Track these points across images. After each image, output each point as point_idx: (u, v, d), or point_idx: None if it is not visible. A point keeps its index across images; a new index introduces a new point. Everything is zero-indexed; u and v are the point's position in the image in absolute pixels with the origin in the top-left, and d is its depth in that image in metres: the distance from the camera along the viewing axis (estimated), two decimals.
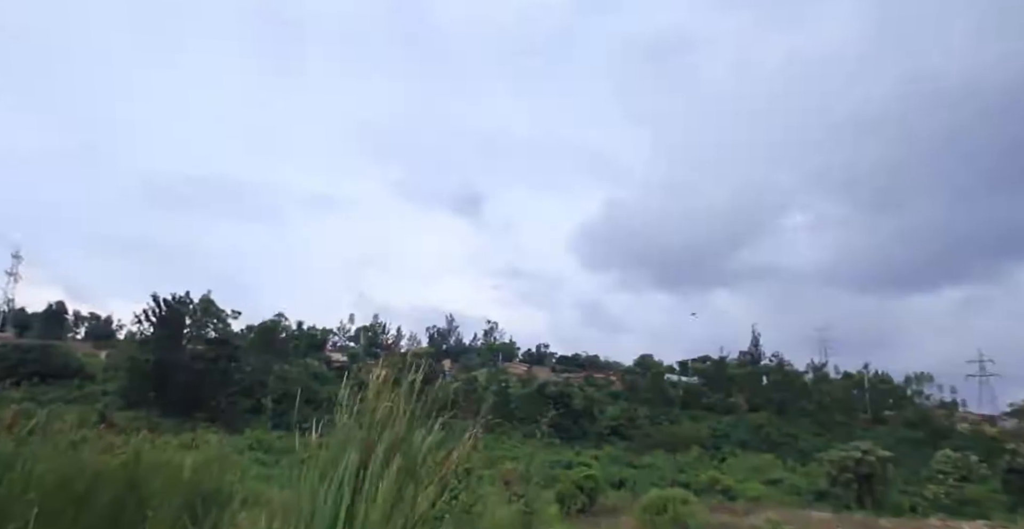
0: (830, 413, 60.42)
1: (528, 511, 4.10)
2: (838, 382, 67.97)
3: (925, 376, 67.52)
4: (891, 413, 63.78)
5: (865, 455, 29.76)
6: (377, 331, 76.73)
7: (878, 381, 67.76)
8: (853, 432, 49.34)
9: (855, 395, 66.33)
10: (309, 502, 2.80)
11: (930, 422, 57.76)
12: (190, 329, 50.77)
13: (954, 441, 47.21)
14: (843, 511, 24.76)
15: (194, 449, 6.65)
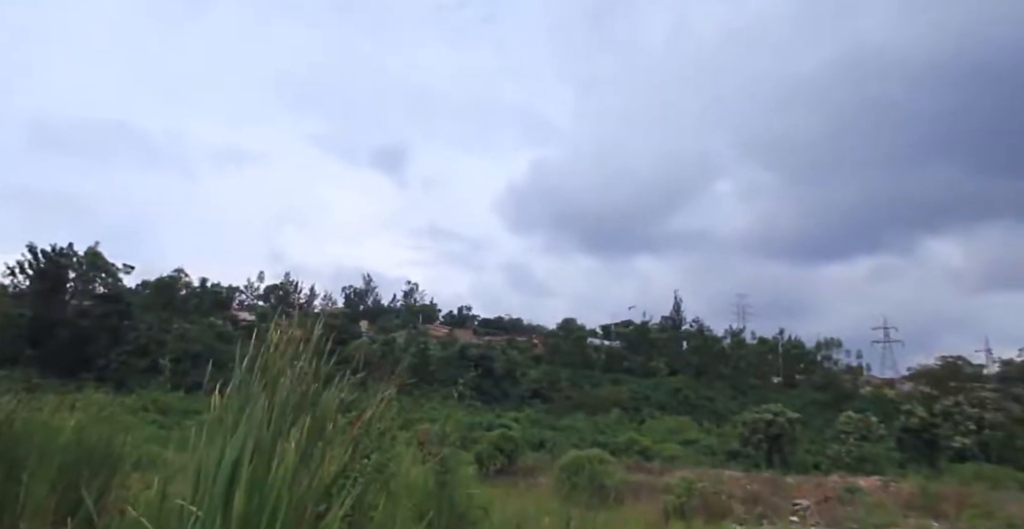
0: (745, 377, 64.40)
1: (443, 471, 4.15)
2: (753, 347, 72.16)
3: (834, 342, 72.64)
4: (801, 377, 68.57)
5: (776, 417, 32.09)
6: (289, 290, 74.72)
7: (791, 346, 72.38)
8: (766, 395, 52.80)
9: (769, 359, 70.77)
10: (209, 463, 2.71)
11: (836, 385, 62.57)
12: (74, 283, 47.75)
13: (857, 403, 51.42)
14: (753, 470, 26.69)
15: (77, 410, 6.31)
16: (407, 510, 3.23)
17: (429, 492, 3.91)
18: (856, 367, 75.03)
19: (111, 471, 5.39)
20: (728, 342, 72.54)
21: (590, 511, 6.62)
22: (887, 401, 53.54)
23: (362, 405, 3.13)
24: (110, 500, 5.08)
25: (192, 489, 2.74)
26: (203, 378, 3.47)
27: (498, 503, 6.17)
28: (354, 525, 2.49)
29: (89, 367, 41.00)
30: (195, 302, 57.44)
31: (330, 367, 3.39)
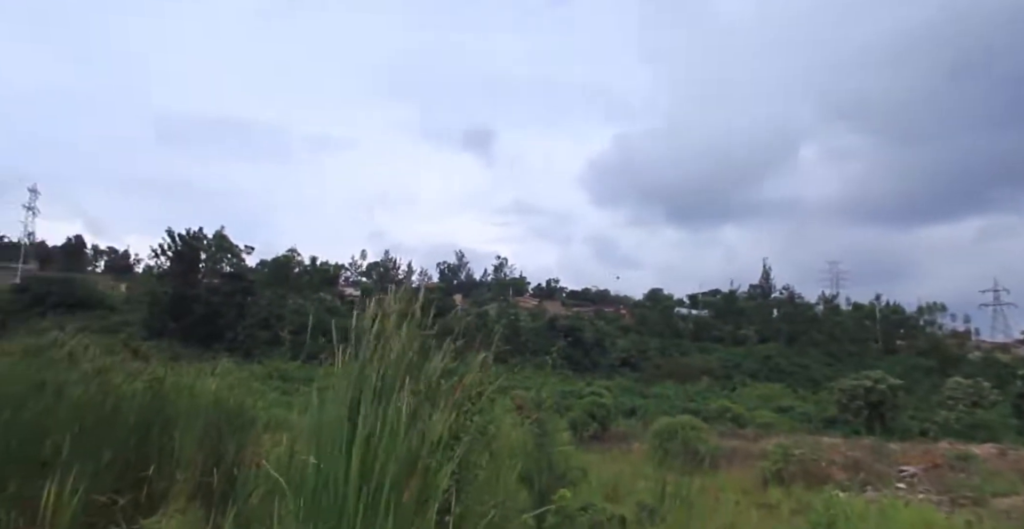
0: (841, 344, 61.14)
1: (541, 433, 4.22)
2: (849, 313, 68.33)
3: (937, 306, 67.70)
4: (902, 343, 64.39)
5: (876, 384, 30.30)
6: (388, 267, 77.45)
7: (890, 312, 68.03)
8: (864, 362, 50.00)
9: (866, 326, 66.82)
10: (328, 423, 2.88)
11: (941, 351, 58.32)
12: (205, 263, 51.54)
13: (965, 369, 47.77)
14: (853, 437, 25.45)
15: (214, 377, 6.85)
16: (508, 469, 3.32)
17: (529, 453, 3.99)
18: (962, 332, 69.66)
19: (245, 430, 5.84)
20: (821, 309, 69.04)
21: (685, 476, 6.53)
22: (1001, 366, 49.40)
23: (462, 371, 3.22)
24: (246, 455, 5.52)
25: (315, 446, 2.92)
26: (317, 349, 3.62)
27: (593, 467, 6.22)
28: (461, 482, 2.59)
29: (221, 339, 44.29)
30: (307, 279, 60.65)
31: (432, 336, 3.50)
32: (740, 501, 9.75)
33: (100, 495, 4.41)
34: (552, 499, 2.90)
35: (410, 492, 2.38)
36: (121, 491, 4.81)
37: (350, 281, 77.09)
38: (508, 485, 3.06)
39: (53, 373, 5.08)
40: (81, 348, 6.58)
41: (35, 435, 4.50)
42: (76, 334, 7.73)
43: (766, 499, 10.90)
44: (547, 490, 3.46)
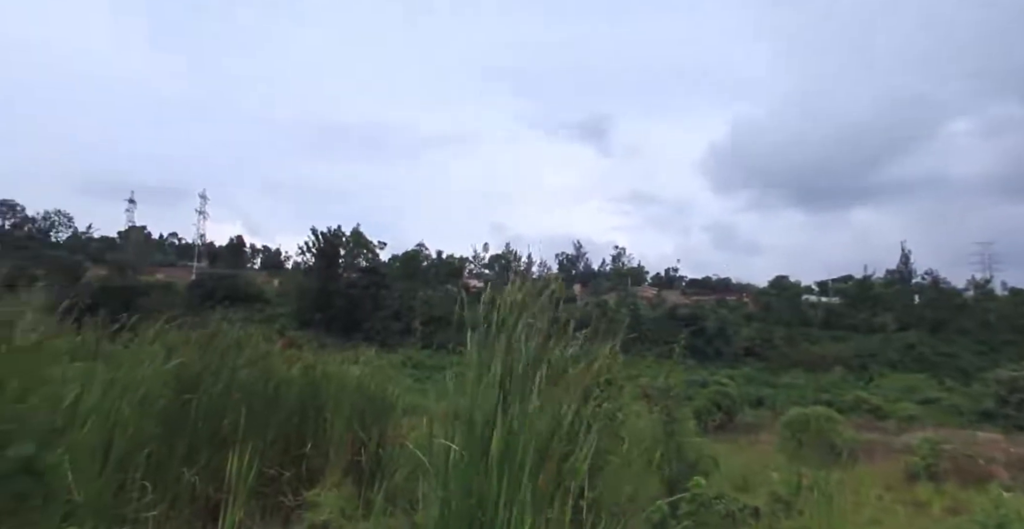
0: (995, 331, 54.50)
1: (669, 421, 4.12)
2: (1006, 299, 60.71)
3: None
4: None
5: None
6: (509, 258, 78.79)
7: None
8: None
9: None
10: (465, 408, 2.98)
11: None
12: (344, 259, 55.09)
13: None
14: (1015, 433, 22.67)
15: (357, 365, 7.31)
16: (638, 456, 3.27)
17: (658, 440, 3.91)
18: None
19: (387, 414, 6.19)
20: (971, 294, 61.86)
21: (821, 469, 6.13)
22: None
23: (589, 358, 3.20)
24: (389, 437, 5.85)
25: (452, 430, 3.04)
26: (445, 338, 3.74)
27: (721, 457, 5.98)
28: (592, 467, 2.59)
29: (359, 329, 47.20)
30: (434, 272, 63.13)
31: (558, 325, 3.52)
32: (883, 497, 9.00)
33: (269, 469, 4.87)
34: (684, 487, 2.82)
35: (547, 477, 2.41)
36: (285, 466, 5.29)
37: (474, 273, 79.32)
38: (638, 472, 3.01)
39: (226, 359, 5.62)
40: (245, 337, 7.22)
41: (216, 414, 5.02)
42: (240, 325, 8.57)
43: (913, 496, 9.98)
44: (678, 478, 3.38)
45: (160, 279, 55.46)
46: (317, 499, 4.45)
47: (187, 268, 68.65)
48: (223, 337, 6.00)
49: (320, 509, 4.25)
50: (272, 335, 7.90)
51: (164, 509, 4.11)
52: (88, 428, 3.78)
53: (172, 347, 5.25)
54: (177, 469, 4.45)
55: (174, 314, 5.95)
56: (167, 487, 4.31)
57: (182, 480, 4.41)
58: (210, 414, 4.97)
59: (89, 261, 56.73)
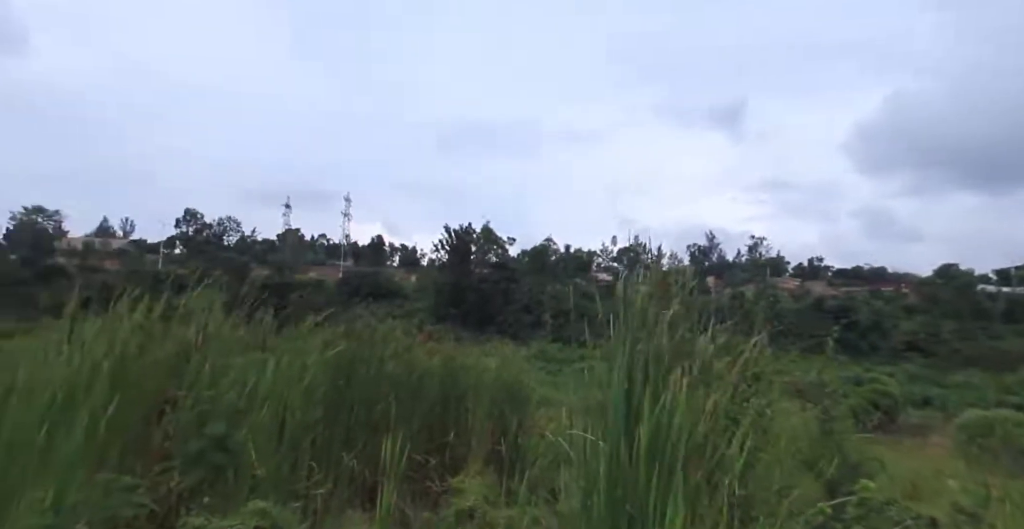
0: None
1: (827, 419, 3.84)
2: None
3: None
4: None
5: None
6: (638, 251, 77.24)
7: None
8: None
9: None
10: (604, 401, 2.98)
11: None
12: (476, 255, 56.98)
13: None
14: None
15: (494, 356, 7.54)
16: (790, 455, 3.09)
17: (814, 439, 3.67)
18: None
19: (524, 405, 6.35)
20: None
21: (1012, 479, 5.42)
22: None
23: (737, 351, 3.07)
24: (527, 427, 6.00)
25: (591, 421, 3.05)
26: (576, 331, 3.78)
27: (884, 460, 5.49)
28: (743, 464, 2.48)
29: (492, 323, 48.53)
30: (563, 266, 63.49)
31: (695, 317, 3.41)
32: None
33: (416, 455, 5.18)
34: (847, 490, 2.61)
35: (698, 472, 2.36)
36: (431, 453, 5.59)
37: (602, 266, 78.76)
38: (792, 471, 2.85)
39: (375, 352, 6.04)
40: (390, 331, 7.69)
41: (367, 402, 5.41)
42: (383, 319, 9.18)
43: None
44: (838, 480, 3.14)
45: (312, 277, 60.52)
46: (462, 486, 4.66)
47: (335, 267, 74.41)
48: (371, 331, 6.46)
49: (465, 495, 4.44)
50: (412, 329, 8.35)
51: (330, 488, 4.50)
52: (264, 411, 4.23)
53: (328, 340, 5.74)
54: (338, 452, 4.87)
55: (325, 309, 6.49)
56: (330, 468, 4.73)
57: (342, 463, 4.82)
58: (363, 402, 5.38)
59: (254, 262, 63.13)
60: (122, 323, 4.42)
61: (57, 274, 46.92)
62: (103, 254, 63.82)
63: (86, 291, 4.93)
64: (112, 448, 3.49)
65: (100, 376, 3.71)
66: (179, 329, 4.79)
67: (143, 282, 5.04)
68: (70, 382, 3.68)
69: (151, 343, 4.41)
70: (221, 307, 5.27)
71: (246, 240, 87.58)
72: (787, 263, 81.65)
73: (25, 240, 60.64)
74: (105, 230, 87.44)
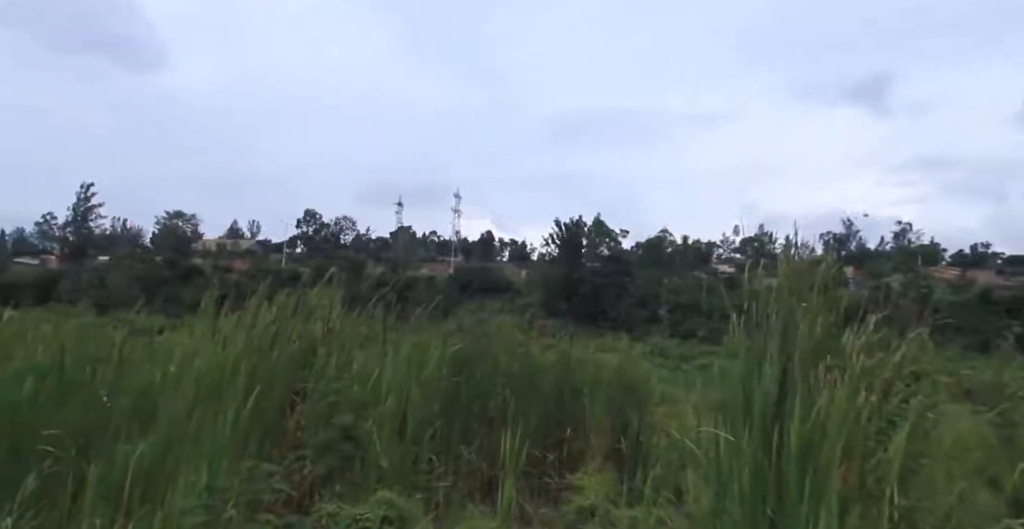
0: None
1: (1005, 424, 3.43)
2: None
3: None
4: None
5: None
6: (764, 241, 73.49)
7: None
8: None
9: None
10: (737, 399, 2.87)
11: None
12: (587, 248, 56.74)
13: None
14: None
15: (610, 352, 7.48)
16: (960, 464, 2.80)
17: (990, 447, 3.31)
18: None
19: (644, 402, 6.24)
20: None
21: None
22: None
23: (889, 347, 2.83)
24: (647, 425, 5.90)
25: (723, 420, 2.93)
26: (694, 327, 3.61)
27: None
28: (902, 471, 2.28)
29: (605, 317, 48.13)
30: (680, 258, 61.72)
31: (837, 310, 3.19)
32: None
33: (533, 450, 5.24)
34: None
35: (850, 478, 2.20)
36: (547, 448, 5.64)
37: (723, 258, 75.72)
38: (960, 483, 2.58)
39: (489, 346, 6.17)
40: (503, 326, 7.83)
41: (483, 397, 5.55)
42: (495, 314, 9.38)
43: None
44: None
45: (424, 273, 62.91)
46: (581, 482, 4.66)
47: (445, 263, 76.88)
48: (485, 326, 6.61)
49: (585, 493, 4.44)
50: (523, 324, 8.44)
51: (451, 481, 4.67)
52: (387, 404, 4.46)
53: (444, 334, 5.94)
54: (456, 446, 5.03)
55: (438, 305, 6.72)
56: (449, 462, 4.90)
57: (461, 457, 4.97)
58: (479, 396, 5.52)
59: (369, 259, 66.59)
60: (255, 319, 4.82)
61: (195, 274, 51.96)
62: (234, 254, 69.94)
63: (220, 290, 5.40)
64: (252, 437, 3.81)
65: (240, 369, 4.07)
66: (304, 325, 5.14)
67: (269, 280, 5.46)
68: (213, 375, 4.07)
69: (281, 338, 4.77)
70: (341, 303, 5.59)
71: (361, 238, 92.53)
72: (943, 250, 74.33)
73: (167, 243, 67.64)
74: (235, 232, 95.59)
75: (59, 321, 6.98)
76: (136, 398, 3.81)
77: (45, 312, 17.47)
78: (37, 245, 75.88)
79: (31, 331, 4.97)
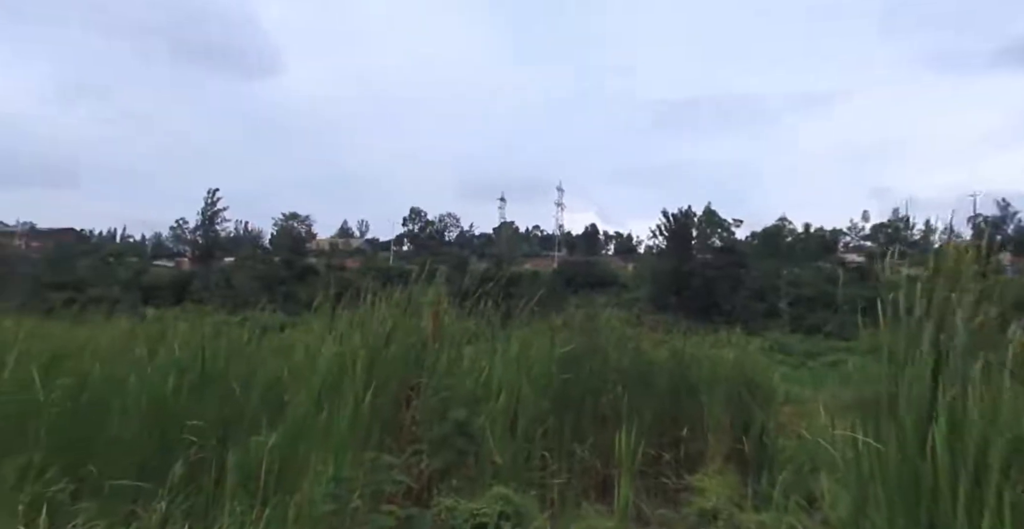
0: None
1: None
2: None
3: None
4: None
5: None
6: (898, 227, 68.07)
7: None
8: None
9: None
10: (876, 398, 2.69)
11: None
12: (697, 239, 55.04)
13: None
14: None
15: (728, 347, 7.22)
16: None
17: None
18: None
19: (768, 401, 5.98)
20: None
21: None
22: None
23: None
24: (772, 425, 5.64)
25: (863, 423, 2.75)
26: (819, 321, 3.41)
27: None
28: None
29: (718, 311, 46.48)
30: (801, 247, 58.50)
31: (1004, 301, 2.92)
32: None
33: (649, 449, 5.15)
34: None
35: (1019, 487, 2.00)
36: (663, 447, 5.53)
37: (851, 246, 70.96)
38: None
39: (599, 342, 6.13)
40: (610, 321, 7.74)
41: (594, 394, 5.52)
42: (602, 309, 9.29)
43: None
44: None
45: (528, 268, 63.44)
46: (702, 484, 4.54)
47: (549, 258, 77.11)
48: (592, 321, 6.58)
49: (706, 495, 4.32)
50: (631, 319, 8.31)
51: (566, 479, 4.69)
52: (500, 400, 4.54)
53: (553, 330, 5.97)
54: (568, 443, 5.04)
55: (542, 301, 6.73)
56: (562, 459, 4.92)
57: (574, 454, 4.98)
58: (590, 393, 5.50)
59: (473, 255, 68.06)
60: (369, 317, 5.06)
61: (310, 273, 55.29)
62: (344, 253, 73.74)
63: (334, 288, 5.71)
64: (371, 430, 4.01)
65: (357, 365, 4.29)
66: (414, 321, 5.33)
67: (378, 278, 5.73)
68: (333, 370, 4.33)
69: (394, 334, 4.97)
70: (448, 300, 5.75)
71: (465, 235, 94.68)
72: None
73: (284, 243, 72.25)
74: (345, 231, 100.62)
75: (193, 319, 7.65)
76: (265, 391, 4.11)
77: (181, 311, 19.23)
78: (172, 248, 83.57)
79: (171, 329, 5.48)
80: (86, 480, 3.20)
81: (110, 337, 5.10)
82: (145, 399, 3.71)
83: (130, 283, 50.93)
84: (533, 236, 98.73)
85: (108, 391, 3.76)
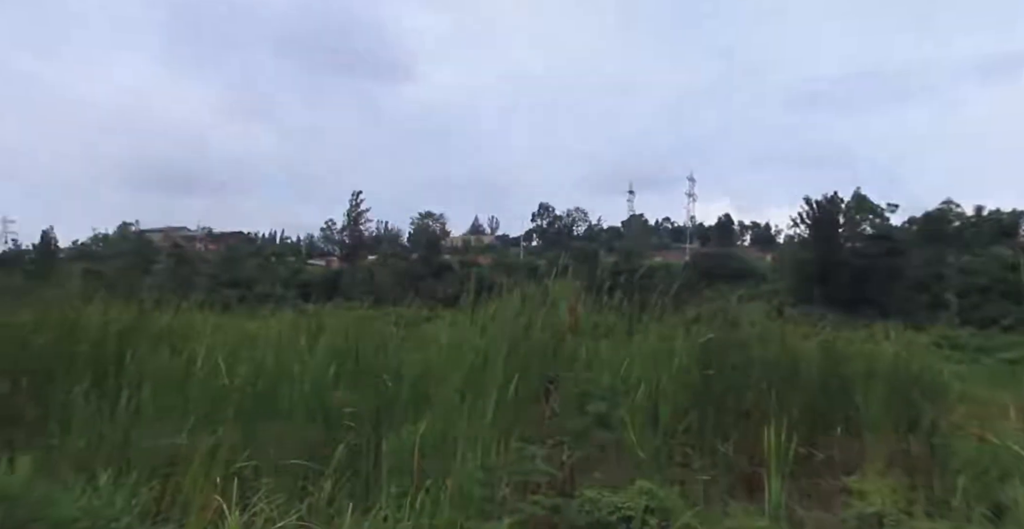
0: None
1: None
2: None
3: None
4: None
5: None
6: None
7: None
8: None
9: None
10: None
11: None
12: (845, 227, 51.06)
13: None
14: None
15: (884, 341, 6.66)
16: None
17: None
18: None
19: (936, 401, 5.44)
20: None
21: None
22: None
23: None
24: (943, 425, 5.12)
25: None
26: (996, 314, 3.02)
27: None
28: None
29: (870, 303, 42.82)
30: (971, 232, 52.54)
31: None
32: None
33: (799, 448, 4.86)
34: None
35: None
36: (814, 446, 5.19)
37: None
38: None
39: (740, 336, 5.87)
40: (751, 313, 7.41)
41: (737, 389, 5.29)
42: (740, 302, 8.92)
43: None
44: None
45: (658, 261, 62.01)
46: (862, 486, 4.21)
47: (680, 250, 74.87)
48: (733, 314, 6.32)
49: (869, 498, 4.00)
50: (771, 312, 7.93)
51: (712, 476, 4.54)
52: (639, 394, 4.49)
53: (688, 323, 5.81)
54: (711, 439, 4.87)
55: (677, 293, 6.54)
56: (705, 455, 4.77)
57: (718, 451, 4.80)
58: (732, 388, 5.27)
59: (602, 249, 67.52)
60: (508, 310, 5.19)
61: (445, 269, 57.55)
62: (477, 250, 76.06)
63: (469, 283, 5.90)
64: (514, 421, 4.11)
65: (498, 357, 4.42)
66: (551, 314, 5.40)
67: (510, 273, 5.86)
68: (475, 362, 4.48)
69: (532, 327, 5.07)
70: (580, 293, 5.76)
71: (593, 229, 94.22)
72: None
73: (421, 241, 75.70)
74: (477, 228, 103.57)
75: (344, 315, 8.24)
76: (412, 381, 4.35)
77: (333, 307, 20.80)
78: (323, 248, 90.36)
79: (327, 323, 5.93)
80: (262, 459, 3.56)
81: (276, 330, 5.63)
82: (308, 386, 4.06)
83: (289, 281, 55.82)
84: (664, 228, 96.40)
85: (278, 378, 4.15)
